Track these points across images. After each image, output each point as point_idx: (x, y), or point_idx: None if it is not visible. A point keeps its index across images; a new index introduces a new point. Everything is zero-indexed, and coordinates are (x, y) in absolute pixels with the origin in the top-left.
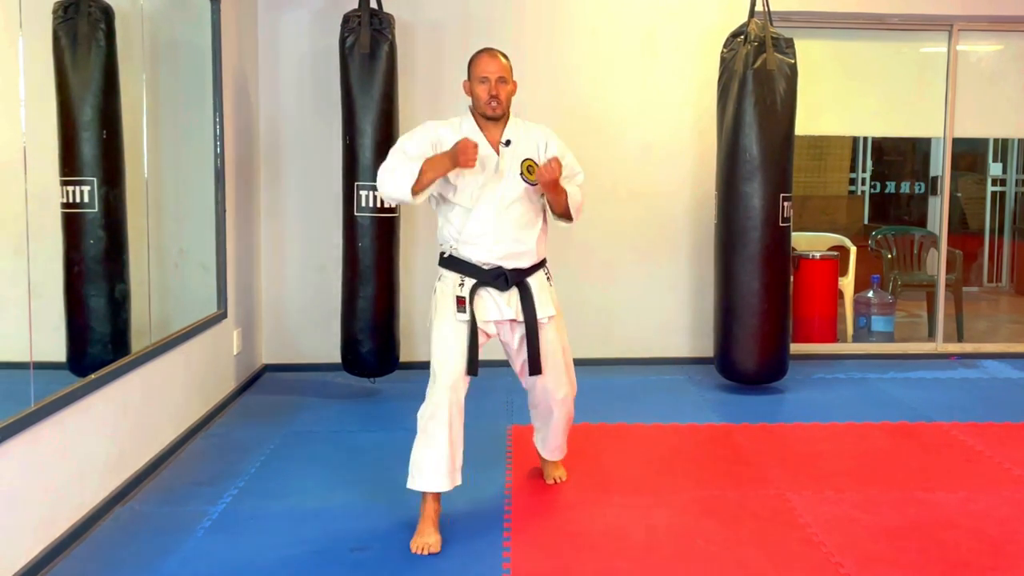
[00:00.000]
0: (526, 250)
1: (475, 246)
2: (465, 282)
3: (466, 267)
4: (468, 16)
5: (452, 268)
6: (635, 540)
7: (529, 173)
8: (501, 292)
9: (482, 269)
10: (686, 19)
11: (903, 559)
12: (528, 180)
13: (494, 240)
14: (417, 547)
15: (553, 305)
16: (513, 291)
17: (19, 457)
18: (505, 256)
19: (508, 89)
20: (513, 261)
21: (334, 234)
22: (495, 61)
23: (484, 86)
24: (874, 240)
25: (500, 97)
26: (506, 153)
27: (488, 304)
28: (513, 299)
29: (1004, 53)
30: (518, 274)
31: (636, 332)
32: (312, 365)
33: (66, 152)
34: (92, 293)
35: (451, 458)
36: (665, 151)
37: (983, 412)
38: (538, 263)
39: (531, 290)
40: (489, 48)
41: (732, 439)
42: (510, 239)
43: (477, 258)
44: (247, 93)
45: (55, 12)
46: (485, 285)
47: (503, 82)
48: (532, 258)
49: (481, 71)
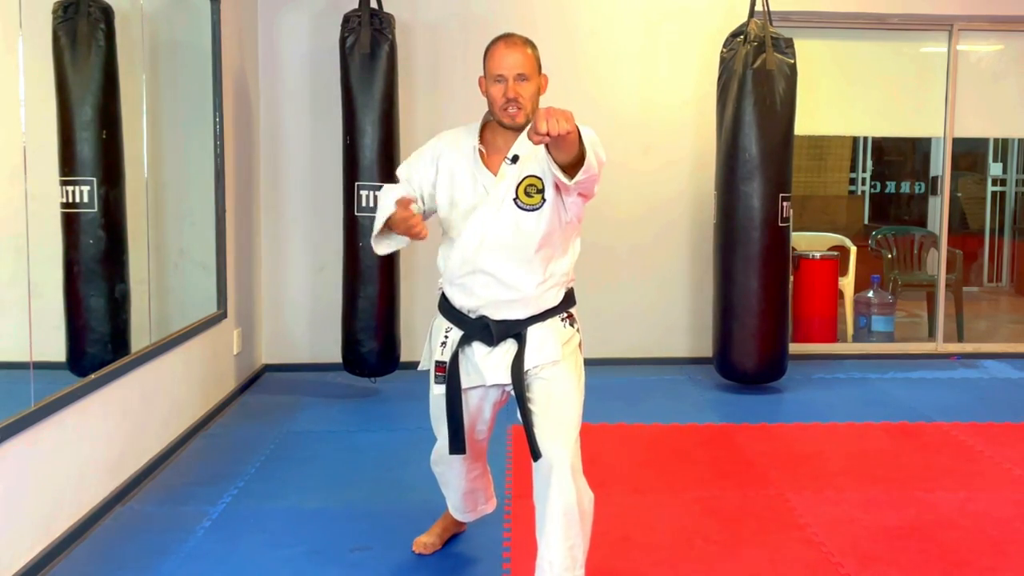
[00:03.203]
0: (519, 298)
1: (457, 287)
2: (450, 336)
3: (453, 313)
4: (468, 16)
5: (442, 312)
6: (635, 540)
7: (527, 196)
8: (487, 349)
9: (468, 318)
10: (686, 19)
11: (903, 559)
12: (524, 205)
13: (474, 282)
14: (417, 545)
15: (561, 347)
16: (504, 345)
17: (19, 457)
18: (488, 304)
19: (531, 88)
20: (500, 311)
21: (334, 234)
22: (514, 52)
23: (499, 87)
24: (874, 240)
25: (521, 100)
26: (507, 173)
27: (469, 366)
28: (503, 358)
29: (1004, 53)
30: (509, 326)
31: (636, 332)
32: (312, 365)
33: (66, 152)
34: (92, 293)
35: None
36: (665, 151)
37: (983, 412)
38: (541, 313)
39: (525, 341)
40: (508, 35)
41: (732, 439)
42: (496, 283)
43: (459, 303)
44: (247, 93)
45: (55, 12)
46: (469, 340)
47: (523, 80)
48: (528, 308)
49: (496, 67)
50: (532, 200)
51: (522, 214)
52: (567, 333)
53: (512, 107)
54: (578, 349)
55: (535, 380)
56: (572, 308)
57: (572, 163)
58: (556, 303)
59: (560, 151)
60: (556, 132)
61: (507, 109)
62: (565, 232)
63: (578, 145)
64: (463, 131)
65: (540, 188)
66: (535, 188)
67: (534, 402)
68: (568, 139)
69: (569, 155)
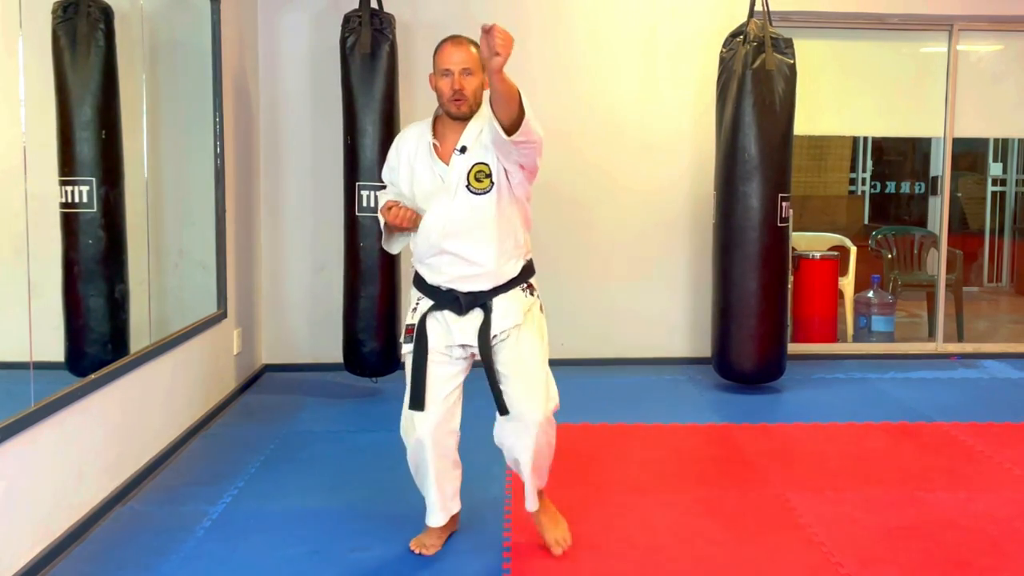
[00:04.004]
0: (482, 272)
1: (427, 267)
2: (420, 304)
3: (424, 287)
4: (468, 16)
5: (415, 285)
6: (635, 540)
7: (477, 182)
8: (457, 316)
9: (439, 290)
10: (686, 19)
11: (903, 559)
12: (475, 190)
13: (440, 261)
14: (415, 545)
15: (523, 313)
16: (472, 314)
17: (19, 457)
18: (456, 279)
19: (475, 83)
20: (467, 284)
21: (334, 234)
22: (460, 50)
23: (447, 80)
24: (874, 240)
25: (465, 92)
26: (457, 163)
27: (438, 329)
28: (470, 323)
29: (1004, 53)
30: (476, 297)
31: (635, 332)
32: (312, 365)
33: (65, 152)
34: (91, 293)
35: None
36: (664, 151)
37: (983, 412)
38: (503, 284)
39: (491, 310)
40: (455, 36)
41: (732, 439)
42: (460, 260)
43: (430, 279)
44: (247, 93)
45: (55, 12)
46: (440, 308)
47: (468, 74)
48: (491, 280)
49: (444, 62)
50: (482, 184)
51: (475, 198)
52: (528, 302)
53: (458, 97)
54: (539, 312)
55: (502, 345)
56: (531, 278)
57: (511, 125)
58: (516, 274)
59: (499, 105)
60: (496, 38)
61: (454, 99)
62: (517, 210)
63: (518, 106)
64: (419, 126)
65: (488, 173)
66: (483, 173)
67: (504, 364)
68: (505, 88)
69: (509, 111)
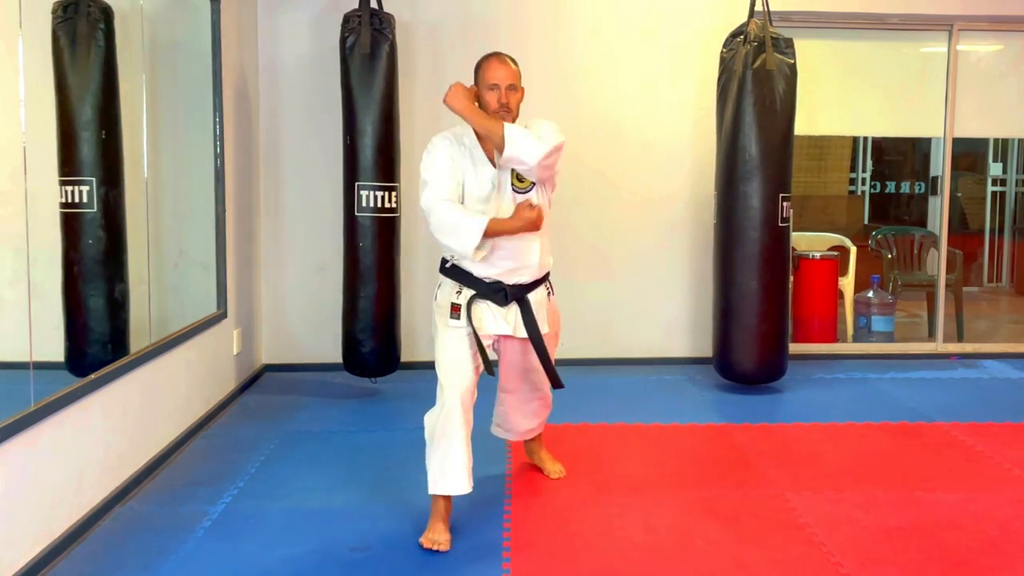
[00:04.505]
0: (527, 265)
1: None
2: (463, 291)
3: (466, 278)
4: (468, 16)
5: (452, 277)
6: (635, 540)
7: (519, 181)
8: (500, 306)
9: (482, 282)
10: (686, 19)
11: (903, 559)
12: (518, 189)
13: (494, 257)
14: (428, 543)
15: (548, 324)
16: (512, 306)
17: (19, 457)
18: (505, 272)
19: (518, 96)
20: (514, 277)
21: (334, 234)
22: (505, 67)
23: (494, 93)
24: (874, 240)
25: (510, 105)
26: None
27: (486, 317)
28: (511, 315)
29: (1004, 53)
30: (518, 290)
31: (636, 332)
32: (312, 365)
33: (65, 152)
34: (91, 293)
35: (468, 462)
36: (665, 151)
37: (983, 412)
38: (540, 278)
39: (531, 307)
40: (498, 53)
41: (732, 439)
42: (510, 255)
43: (478, 272)
44: (247, 93)
45: (55, 12)
46: (484, 298)
47: (513, 89)
48: (534, 273)
49: (491, 78)
50: (524, 184)
51: (519, 196)
52: (551, 303)
53: (505, 109)
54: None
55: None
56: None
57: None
58: (549, 268)
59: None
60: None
61: (499, 112)
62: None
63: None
64: (456, 134)
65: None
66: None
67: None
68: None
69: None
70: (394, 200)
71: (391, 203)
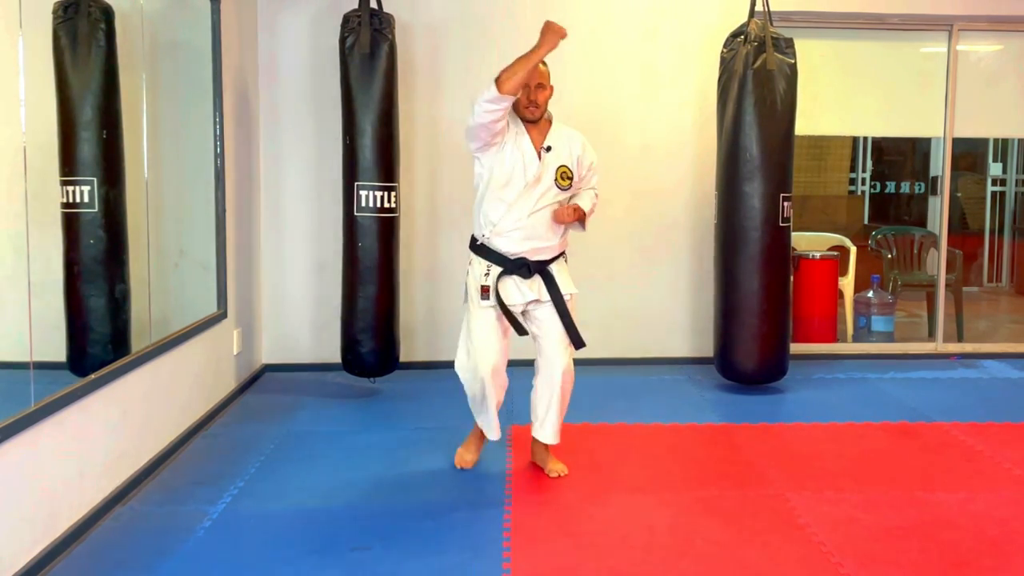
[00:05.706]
0: (550, 246)
1: (506, 239)
2: (491, 271)
3: (494, 256)
4: (468, 16)
5: (481, 255)
6: (635, 540)
7: (563, 180)
8: (524, 279)
9: (508, 259)
10: (686, 19)
11: (903, 559)
12: (561, 187)
13: (524, 236)
14: (458, 460)
15: (571, 284)
16: (535, 277)
17: (19, 457)
18: (531, 251)
19: (546, 94)
20: (537, 255)
21: (334, 234)
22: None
23: (524, 91)
24: (874, 240)
25: (538, 101)
26: (547, 159)
27: (511, 289)
28: (535, 284)
29: (1004, 53)
30: (540, 264)
31: (636, 332)
32: (312, 365)
33: (66, 152)
34: (92, 293)
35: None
36: (665, 151)
37: (983, 412)
38: (559, 255)
39: (553, 275)
40: None
41: (732, 439)
42: (538, 237)
43: (506, 249)
44: (247, 93)
45: (55, 12)
46: (510, 273)
47: (541, 88)
48: (554, 252)
49: None
50: (565, 183)
51: (559, 193)
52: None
53: (532, 106)
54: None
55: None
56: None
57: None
58: (566, 247)
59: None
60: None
61: (529, 107)
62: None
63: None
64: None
65: (570, 176)
66: (566, 175)
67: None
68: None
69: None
70: (394, 200)
71: (391, 203)
